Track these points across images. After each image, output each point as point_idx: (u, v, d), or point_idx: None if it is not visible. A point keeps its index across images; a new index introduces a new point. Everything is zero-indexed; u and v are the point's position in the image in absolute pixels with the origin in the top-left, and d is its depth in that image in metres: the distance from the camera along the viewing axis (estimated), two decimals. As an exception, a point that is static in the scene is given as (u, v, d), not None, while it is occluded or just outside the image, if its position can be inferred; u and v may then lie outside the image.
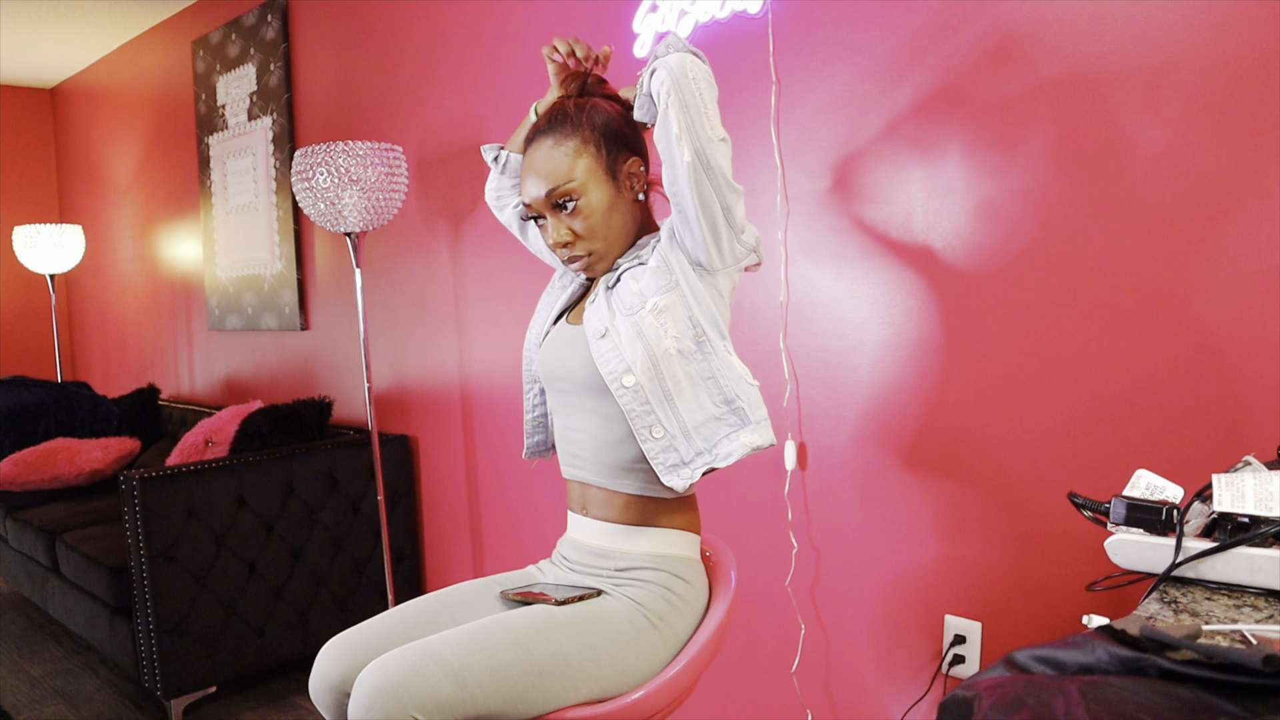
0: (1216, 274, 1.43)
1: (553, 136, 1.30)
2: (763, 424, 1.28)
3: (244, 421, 2.93)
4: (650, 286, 1.27)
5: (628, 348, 1.26)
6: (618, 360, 1.26)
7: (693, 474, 1.25)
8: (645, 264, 1.30)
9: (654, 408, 1.26)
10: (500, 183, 1.57)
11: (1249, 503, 0.97)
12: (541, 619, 1.24)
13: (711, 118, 1.21)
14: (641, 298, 1.27)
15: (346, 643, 1.29)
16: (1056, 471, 1.62)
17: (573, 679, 1.21)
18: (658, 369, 1.25)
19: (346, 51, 3.14)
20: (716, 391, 1.27)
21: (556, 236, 1.31)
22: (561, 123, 1.30)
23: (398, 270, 3.04)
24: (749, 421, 1.27)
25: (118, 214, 4.80)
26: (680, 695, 1.32)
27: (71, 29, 4.27)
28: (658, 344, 1.25)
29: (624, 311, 1.28)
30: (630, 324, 1.26)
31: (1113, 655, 0.68)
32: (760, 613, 2.08)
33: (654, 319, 1.25)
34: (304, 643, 2.74)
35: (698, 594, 1.36)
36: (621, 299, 1.29)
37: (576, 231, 1.31)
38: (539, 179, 1.30)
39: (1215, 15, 1.40)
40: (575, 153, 1.28)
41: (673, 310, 1.26)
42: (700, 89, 1.19)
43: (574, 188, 1.28)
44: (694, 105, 1.19)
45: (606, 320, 1.29)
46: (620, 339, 1.26)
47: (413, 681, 1.12)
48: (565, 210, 1.30)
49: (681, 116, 1.18)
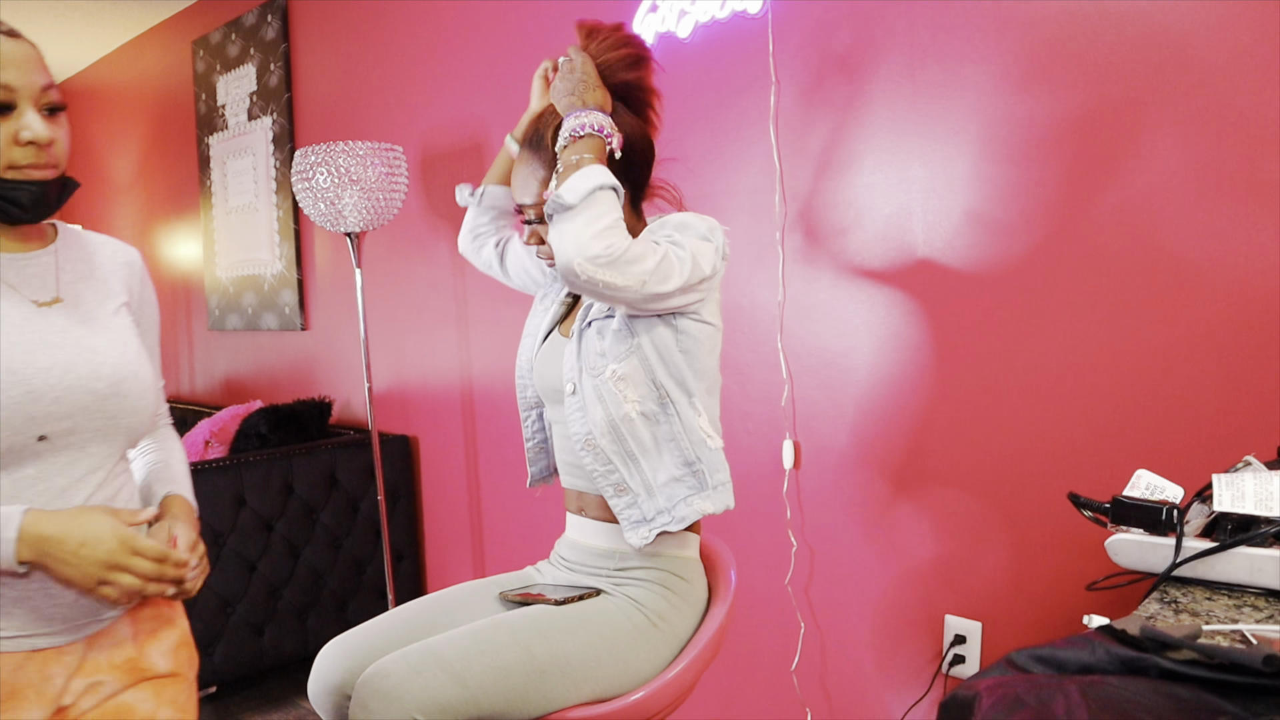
0: (1216, 274, 1.43)
1: (528, 153, 1.35)
2: (720, 489, 1.31)
3: (244, 421, 2.93)
4: (612, 351, 1.29)
5: (591, 410, 1.29)
6: (582, 422, 1.30)
7: (649, 533, 1.28)
8: (612, 316, 1.30)
9: (618, 466, 1.29)
10: (477, 220, 1.64)
11: (1249, 503, 0.97)
12: (542, 619, 1.24)
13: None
14: (604, 360, 1.29)
15: (345, 645, 1.29)
16: (1056, 471, 1.62)
17: (574, 679, 1.22)
18: (618, 432, 1.29)
19: (346, 51, 3.14)
20: (678, 453, 1.30)
21: (536, 250, 1.38)
22: (536, 146, 1.34)
23: (398, 270, 3.04)
24: (706, 486, 1.30)
25: (118, 214, 4.80)
26: (681, 694, 1.32)
27: (71, 29, 4.27)
28: (617, 409, 1.28)
29: (589, 370, 1.30)
30: (593, 386, 1.29)
31: (1113, 655, 0.68)
32: (759, 612, 2.08)
33: (614, 385, 1.28)
34: (304, 643, 2.74)
35: (697, 593, 1.37)
36: (588, 353, 1.31)
37: (545, 239, 1.37)
38: (521, 191, 1.36)
39: (1216, 14, 1.40)
40: (540, 181, 1.33)
41: (633, 377, 1.28)
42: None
43: (539, 211, 1.34)
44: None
45: (575, 375, 1.32)
46: (585, 399, 1.30)
47: (414, 683, 1.12)
48: (535, 225, 1.37)
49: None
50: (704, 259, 1.24)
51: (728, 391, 2.09)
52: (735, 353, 2.07)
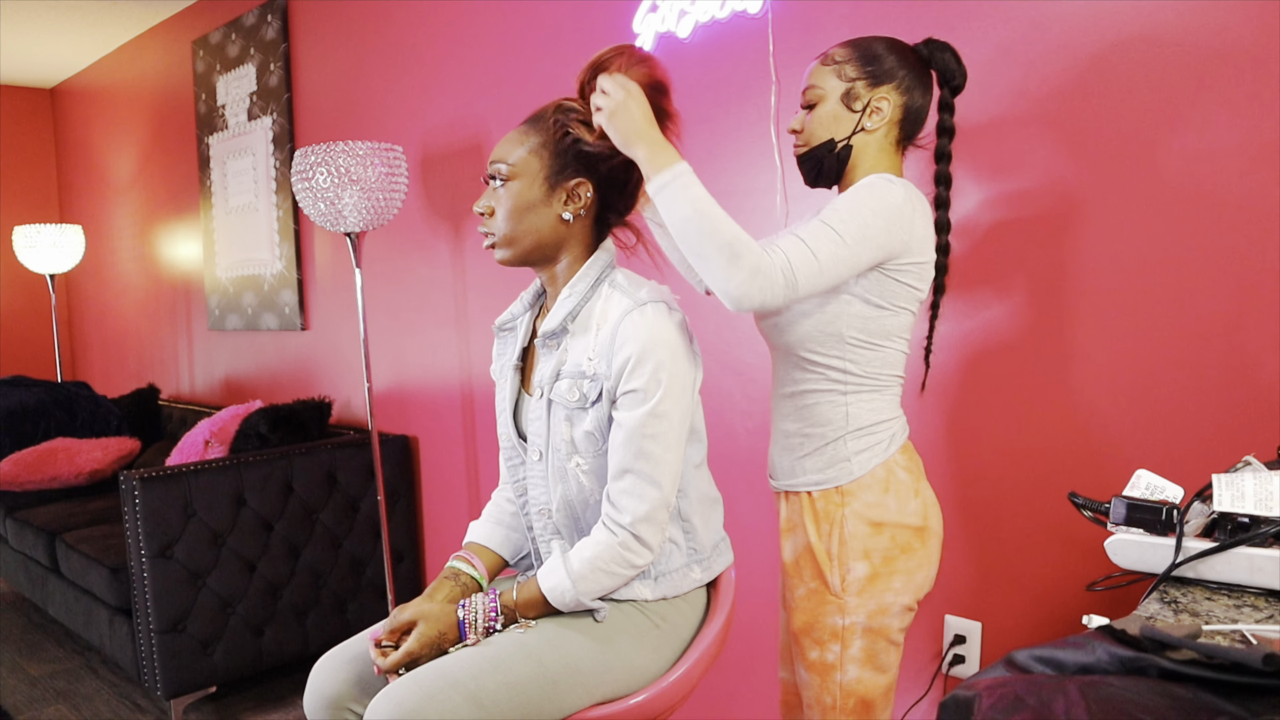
0: (1217, 274, 1.43)
1: (528, 124, 1.31)
2: (661, 578, 1.31)
3: (244, 421, 2.93)
4: (583, 448, 1.27)
5: (552, 486, 1.31)
6: (543, 491, 1.33)
7: (580, 604, 1.26)
8: (584, 409, 1.25)
9: (565, 537, 1.33)
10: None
11: (1249, 503, 0.97)
12: (549, 629, 1.24)
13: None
14: (571, 450, 1.28)
15: (341, 656, 1.29)
16: (1056, 471, 1.62)
17: (586, 685, 1.22)
18: (573, 511, 1.31)
19: (346, 51, 3.14)
20: None
21: (479, 203, 1.32)
22: (539, 119, 1.31)
23: (398, 270, 3.04)
24: (647, 576, 1.31)
25: (118, 214, 4.80)
26: (684, 694, 1.32)
27: (71, 29, 4.27)
28: (578, 494, 1.29)
29: (555, 450, 1.29)
30: (557, 466, 1.29)
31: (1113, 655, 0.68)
32: (761, 612, 2.08)
33: (579, 475, 1.28)
34: (304, 643, 2.74)
35: (698, 594, 1.37)
36: (556, 437, 1.29)
37: (492, 208, 1.30)
38: (496, 149, 1.32)
39: (1218, 12, 1.40)
40: (528, 149, 1.28)
41: (600, 473, 1.28)
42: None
43: (507, 171, 1.28)
44: None
45: (543, 441, 1.30)
46: (548, 471, 1.31)
47: (429, 708, 1.11)
48: (495, 185, 1.31)
49: None
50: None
51: (728, 391, 2.09)
52: (735, 353, 2.07)
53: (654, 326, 1.22)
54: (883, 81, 1.31)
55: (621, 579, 1.25)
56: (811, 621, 1.35)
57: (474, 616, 1.25)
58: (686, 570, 1.33)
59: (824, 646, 1.34)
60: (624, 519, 1.22)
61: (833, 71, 1.32)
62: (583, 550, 1.24)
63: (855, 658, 1.33)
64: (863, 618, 1.31)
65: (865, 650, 1.33)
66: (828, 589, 1.33)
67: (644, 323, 1.22)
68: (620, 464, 1.22)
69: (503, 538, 1.43)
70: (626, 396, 1.22)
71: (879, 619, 1.32)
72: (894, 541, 1.31)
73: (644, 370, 1.20)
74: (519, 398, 1.39)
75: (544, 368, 1.30)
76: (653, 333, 1.21)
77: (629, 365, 1.21)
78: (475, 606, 1.25)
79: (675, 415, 1.23)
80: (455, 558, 1.39)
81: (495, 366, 1.43)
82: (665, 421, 1.22)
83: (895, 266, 1.27)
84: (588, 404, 1.25)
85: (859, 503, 1.31)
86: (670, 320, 1.24)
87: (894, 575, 1.31)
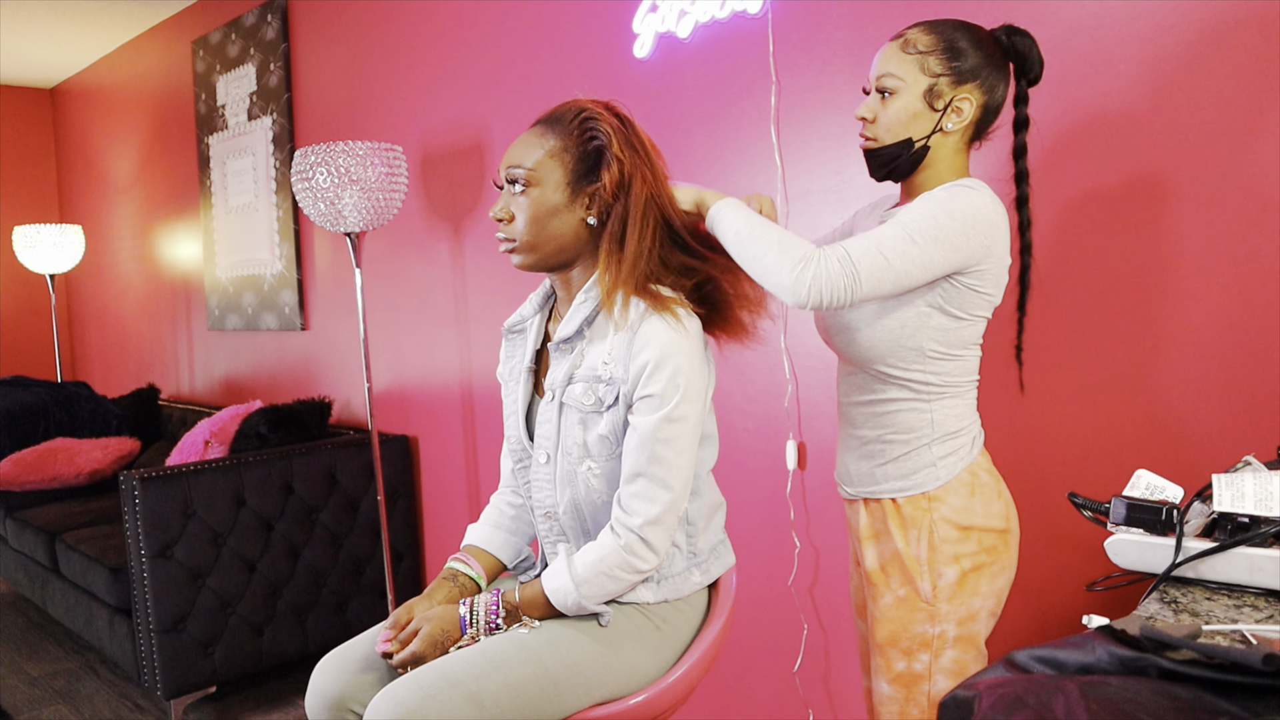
0: (1217, 274, 1.43)
1: (543, 125, 1.29)
2: (664, 581, 1.31)
3: (244, 421, 2.93)
4: (596, 451, 1.26)
5: (560, 489, 1.30)
6: (549, 494, 1.32)
7: (582, 607, 1.26)
8: (599, 413, 1.25)
9: (571, 540, 1.33)
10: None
11: (1249, 503, 0.97)
12: (550, 630, 1.24)
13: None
14: (583, 453, 1.27)
15: (342, 657, 1.29)
16: (1056, 471, 1.62)
17: (587, 686, 1.22)
18: (580, 513, 1.31)
19: (346, 51, 3.14)
20: None
21: (497, 209, 1.29)
22: (555, 121, 1.29)
23: (398, 270, 3.04)
24: (649, 580, 1.30)
25: (118, 214, 4.80)
26: (684, 695, 1.32)
27: (71, 29, 4.27)
28: (586, 495, 1.29)
29: (565, 453, 1.28)
30: (566, 469, 1.29)
31: (1113, 655, 0.68)
32: (762, 612, 2.08)
33: (589, 478, 1.28)
34: (304, 643, 2.73)
35: (699, 595, 1.37)
36: (567, 440, 1.28)
37: (512, 213, 1.29)
38: (511, 153, 1.29)
39: (1218, 11, 1.40)
40: (548, 151, 1.26)
41: (612, 476, 1.27)
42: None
43: (526, 175, 1.26)
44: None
45: (552, 444, 1.30)
46: (556, 473, 1.30)
47: (430, 708, 1.11)
48: (514, 189, 1.28)
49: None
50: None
51: (728, 391, 2.09)
52: (737, 353, 2.07)
53: (672, 331, 1.22)
54: (966, 80, 1.25)
55: (625, 584, 1.25)
56: (898, 631, 1.31)
57: (476, 612, 1.25)
58: (687, 574, 1.33)
59: (912, 657, 1.30)
60: (633, 521, 1.22)
61: (915, 63, 1.25)
62: (588, 554, 1.24)
63: (945, 668, 1.30)
64: (953, 625, 1.29)
65: (955, 661, 1.30)
66: (918, 595, 1.30)
67: (663, 327, 1.21)
68: (633, 467, 1.22)
69: (501, 541, 1.43)
70: (643, 401, 1.22)
71: (968, 625, 1.29)
72: (981, 545, 1.29)
73: (662, 375, 1.20)
74: (530, 400, 1.39)
75: (556, 370, 1.30)
76: (671, 338, 1.21)
77: (647, 370, 1.21)
78: (477, 602, 1.26)
79: (690, 420, 1.23)
80: (454, 559, 1.39)
81: (504, 369, 1.42)
82: (680, 426, 1.22)
83: (974, 273, 1.23)
84: (603, 408, 1.24)
85: (946, 507, 1.29)
86: (688, 325, 1.24)
87: (981, 579, 1.29)
